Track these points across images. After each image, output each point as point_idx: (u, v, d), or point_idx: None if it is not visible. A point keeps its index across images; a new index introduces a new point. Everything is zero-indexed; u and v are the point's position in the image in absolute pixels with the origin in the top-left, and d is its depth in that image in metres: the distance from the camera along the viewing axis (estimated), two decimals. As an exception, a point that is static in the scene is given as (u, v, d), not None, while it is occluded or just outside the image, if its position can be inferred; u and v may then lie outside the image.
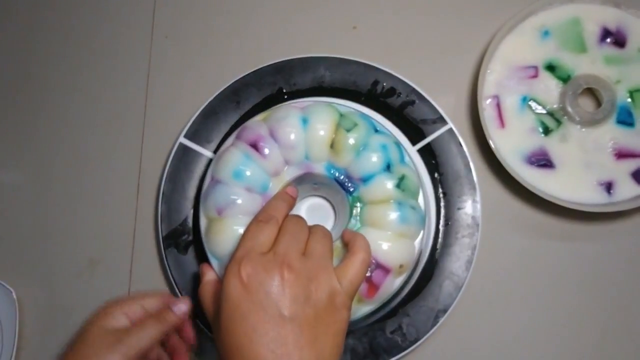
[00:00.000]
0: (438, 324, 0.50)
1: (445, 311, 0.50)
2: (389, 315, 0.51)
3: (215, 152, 0.54)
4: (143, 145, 0.57)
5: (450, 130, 0.53)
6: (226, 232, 0.46)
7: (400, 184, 0.47)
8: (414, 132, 0.53)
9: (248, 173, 0.46)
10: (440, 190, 0.52)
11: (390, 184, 0.46)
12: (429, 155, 0.53)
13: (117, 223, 0.56)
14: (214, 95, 0.54)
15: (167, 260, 0.52)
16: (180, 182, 0.53)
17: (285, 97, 0.54)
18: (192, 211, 0.53)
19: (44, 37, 0.60)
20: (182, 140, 0.54)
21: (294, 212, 0.51)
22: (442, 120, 0.53)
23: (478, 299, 0.53)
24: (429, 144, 0.53)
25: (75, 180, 0.57)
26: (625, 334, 0.52)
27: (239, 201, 0.46)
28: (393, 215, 0.46)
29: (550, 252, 0.53)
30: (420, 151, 0.53)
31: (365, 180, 0.47)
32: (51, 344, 0.54)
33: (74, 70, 0.59)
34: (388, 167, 0.47)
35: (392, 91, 0.54)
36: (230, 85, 0.54)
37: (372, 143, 0.47)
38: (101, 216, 0.56)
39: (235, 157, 0.47)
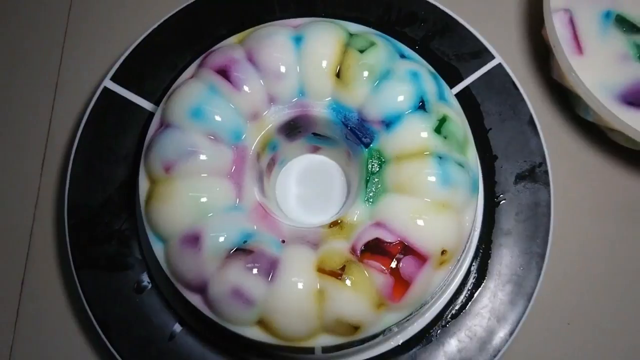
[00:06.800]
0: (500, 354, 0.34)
1: (511, 333, 0.35)
2: (420, 339, 0.35)
3: (157, 103, 0.39)
4: (56, 97, 0.42)
5: (499, 66, 0.40)
6: (177, 199, 0.32)
7: (440, 128, 0.34)
8: (446, 73, 0.40)
9: (213, 112, 0.34)
10: (487, 152, 0.39)
11: (426, 129, 0.33)
12: (470, 103, 0.40)
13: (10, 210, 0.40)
14: (154, 27, 0.40)
15: (73, 258, 0.36)
16: (105, 142, 0.38)
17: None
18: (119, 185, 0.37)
19: None
20: (108, 83, 0.39)
21: (284, 175, 0.38)
22: (486, 53, 0.40)
23: (551, 310, 0.38)
24: (468, 88, 0.40)
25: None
26: None
27: (199, 153, 0.33)
28: (431, 174, 0.33)
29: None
30: (456, 97, 0.39)
31: (389, 124, 0.34)
32: None
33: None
34: (422, 105, 0.34)
35: (412, 17, 0.41)
36: (180, 10, 0.40)
37: (398, 70, 0.35)
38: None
39: (196, 89, 0.34)
